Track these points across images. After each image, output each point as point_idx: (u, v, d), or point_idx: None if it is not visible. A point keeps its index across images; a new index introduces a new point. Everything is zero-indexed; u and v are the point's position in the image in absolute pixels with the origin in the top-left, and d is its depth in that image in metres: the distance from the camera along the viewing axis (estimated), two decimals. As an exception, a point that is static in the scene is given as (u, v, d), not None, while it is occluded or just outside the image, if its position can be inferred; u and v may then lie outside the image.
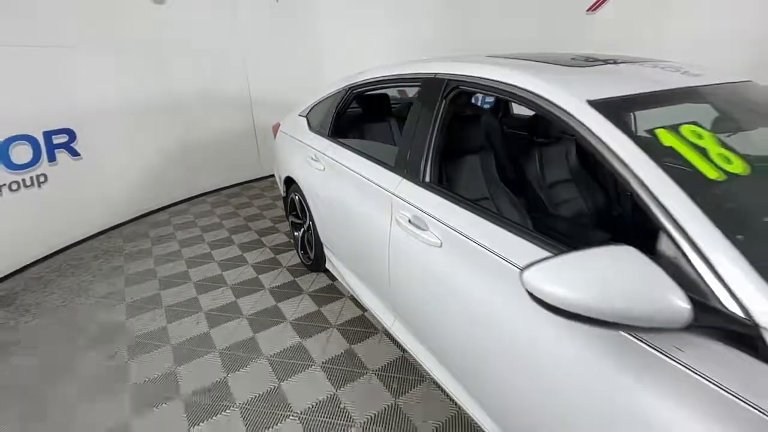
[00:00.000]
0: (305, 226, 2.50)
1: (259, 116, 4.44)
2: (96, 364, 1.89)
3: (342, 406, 1.63)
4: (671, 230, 0.75)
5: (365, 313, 2.19)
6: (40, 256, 2.90)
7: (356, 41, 4.62)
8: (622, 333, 0.79)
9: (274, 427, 1.54)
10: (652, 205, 0.79)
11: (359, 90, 2.03)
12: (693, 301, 0.67)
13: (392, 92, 2.83)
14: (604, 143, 0.89)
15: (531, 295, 0.75)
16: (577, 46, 4.21)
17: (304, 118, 2.49)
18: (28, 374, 1.85)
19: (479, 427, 1.26)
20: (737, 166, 0.84)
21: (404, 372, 1.79)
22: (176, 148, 3.87)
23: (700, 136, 0.89)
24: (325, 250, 2.33)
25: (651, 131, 0.91)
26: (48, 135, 2.89)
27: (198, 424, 1.56)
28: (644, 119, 1.12)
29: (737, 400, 0.64)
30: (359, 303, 2.20)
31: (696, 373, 0.69)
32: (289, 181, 2.60)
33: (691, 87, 1.15)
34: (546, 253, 0.94)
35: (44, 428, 1.58)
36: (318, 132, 2.25)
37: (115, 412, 1.64)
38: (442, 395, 1.64)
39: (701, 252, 0.71)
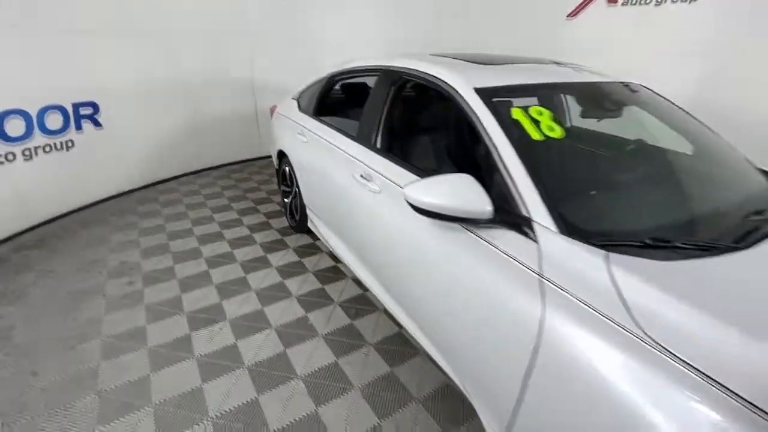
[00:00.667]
0: (293, 193, 2.96)
1: (261, 101, 4.88)
2: (118, 288, 2.37)
3: (309, 322, 2.10)
4: (499, 166, 1.21)
5: (338, 264, 2.66)
6: (66, 211, 3.38)
7: (351, 34, 5.05)
8: (463, 228, 1.25)
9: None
10: (492, 151, 1.24)
11: (338, 78, 2.48)
12: (501, 206, 1.13)
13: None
14: (476, 114, 1.35)
15: (409, 203, 1.21)
16: (557, 48, 4.82)
17: (295, 101, 2.94)
18: (63, 292, 2.33)
19: (399, 321, 1.73)
20: (556, 133, 1.29)
21: (363, 303, 2.26)
22: (184, 126, 4.32)
23: (540, 114, 1.34)
24: (308, 211, 2.79)
25: (509, 109, 1.35)
26: (76, 106, 3.35)
27: (197, 330, 2.04)
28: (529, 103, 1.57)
29: (517, 263, 1.10)
30: (333, 256, 2.67)
31: (497, 249, 1.15)
32: (281, 155, 3.06)
33: (562, 82, 1.60)
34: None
35: (79, 325, 2.05)
36: (305, 112, 2.71)
37: (132, 321, 2.11)
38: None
39: (512, 179, 1.17)
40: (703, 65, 4.22)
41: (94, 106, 3.50)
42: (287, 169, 2.98)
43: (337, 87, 2.71)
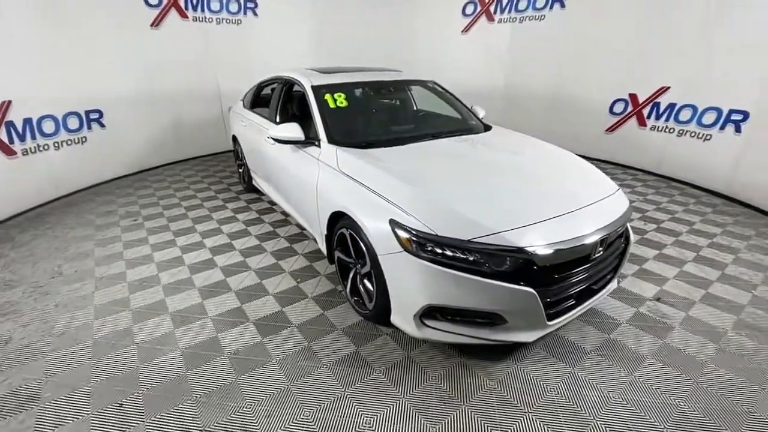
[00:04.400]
0: (244, 165, 4.36)
1: (226, 106, 6.28)
2: (112, 234, 3.73)
3: (249, 232, 3.51)
4: (314, 119, 2.65)
5: (274, 206, 4.07)
6: (83, 186, 4.71)
7: (290, 53, 6.51)
8: (298, 148, 2.69)
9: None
10: (312, 113, 2.68)
11: (263, 84, 3.93)
12: (312, 136, 2.57)
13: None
14: (308, 97, 2.79)
15: (272, 138, 2.64)
16: (454, 56, 6.70)
17: (242, 101, 4.37)
18: (67, 236, 3.68)
19: (291, 217, 3.15)
20: (342, 104, 2.74)
21: (283, 222, 3.67)
22: (169, 127, 5.69)
23: (339, 96, 2.79)
24: (252, 174, 4.20)
25: (324, 94, 2.79)
26: (87, 112, 4.71)
27: (164, 271, 3.42)
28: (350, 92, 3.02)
29: (312, 158, 2.53)
30: (271, 202, 4.08)
31: (308, 153, 2.59)
32: (234, 139, 4.48)
33: (364, 81, 3.07)
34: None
35: (69, 262, 3.41)
36: (245, 107, 4.14)
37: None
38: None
39: (315, 125, 2.61)
40: (551, 68, 5.88)
41: (100, 112, 4.85)
42: (238, 148, 4.40)
43: (267, 90, 4.15)
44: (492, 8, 6.21)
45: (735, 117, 4.08)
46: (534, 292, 1.67)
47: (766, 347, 2.06)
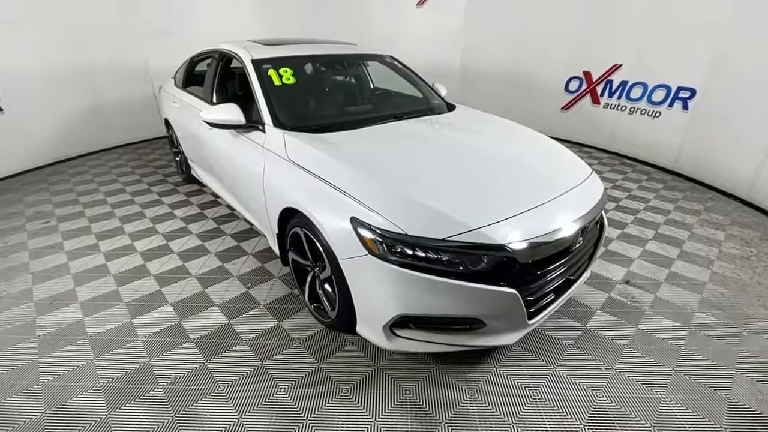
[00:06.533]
0: (180, 152, 3.83)
1: (158, 85, 5.54)
2: (16, 241, 3.14)
3: (189, 231, 3.07)
4: (256, 98, 2.27)
5: (219, 198, 3.62)
6: (-21, 184, 3.94)
7: (234, 27, 5.86)
8: (240, 134, 2.31)
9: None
10: (253, 91, 2.29)
11: (196, 59, 3.40)
12: (254, 119, 2.19)
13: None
14: (249, 73, 2.39)
15: (204, 121, 2.23)
16: (408, 32, 6.32)
17: (173, 78, 3.80)
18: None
19: (238, 212, 2.77)
20: (288, 80, 2.37)
21: (229, 217, 3.26)
22: (88, 109, 4.91)
23: (286, 71, 2.41)
24: (190, 163, 3.70)
25: (267, 69, 2.40)
26: (-23, 93, 3.89)
27: (83, 285, 2.92)
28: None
29: (257, 144, 2.17)
30: (215, 194, 3.62)
31: (250, 140, 2.22)
32: (167, 123, 3.91)
33: (314, 54, 2.71)
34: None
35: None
36: (177, 85, 3.59)
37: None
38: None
39: (258, 106, 2.23)
40: (508, 45, 5.74)
41: (-7, 92, 4.04)
42: (172, 133, 3.85)
43: (203, 66, 3.62)
44: (446, -20, 5.93)
45: (683, 94, 4.18)
46: (516, 292, 1.50)
47: (731, 326, 2.08)
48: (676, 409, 1.61)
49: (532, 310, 1.64)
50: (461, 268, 1.46)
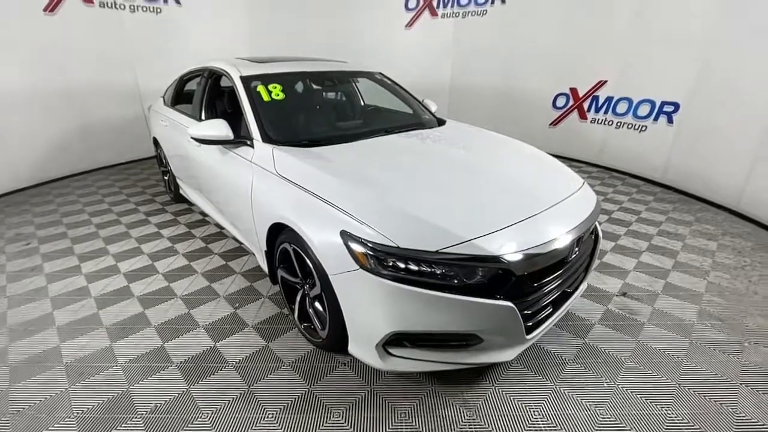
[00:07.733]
0: (169, 171, 3.78)
1: (147, 105, 5.52)
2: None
3: (175, 250, 2.98)
4: (245, 114, 2.24)
5: (207, 217, 3.55)
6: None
7: (227, 42, 5.92)
8: (228, 149, 2.27)
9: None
10: (242, 107, 2.27)
11: (185, 77, 3.39)
12: (243, 134, 2.16)
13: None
14: (237, 89, 2.37)
15: (191, 137, 2.19)
16: (398, 52, 6.44)
17: (162, 98, 3.78)
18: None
19: (226, 230, 2.70)
20: (278, 96, 2.36)
21: (218, 235, 3.19)
22: (76, 130, 4.85)
23: (275, 87, 2.40)
24: (178, 182, 3.64)
25: (256, 86, 2.39)
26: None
27: (61, 308, 2.81)
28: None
29: (245, 160, 2.13)
30: (203, 213, 3.55)
31: (238, 155, 2.18)
32: (156, 142, 3.86)
33: (302, 71, 2.71)
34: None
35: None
36: (166, 104, 3.57)
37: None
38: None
39: (247, 121, 2.21)
40: (496, 63, 5.87)
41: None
42: (160, 152, 3.80)
43: (192, 85, 3.61)
44: (434, 2, 6.09)
45: (667, 108, 4.27)
46: (513, 305, 1.45)
47: (731, 337, 2.04)
48: (683, 426, 1.54)
49: (530, 324, 1.59)
50: (456, 281, 1.41)
